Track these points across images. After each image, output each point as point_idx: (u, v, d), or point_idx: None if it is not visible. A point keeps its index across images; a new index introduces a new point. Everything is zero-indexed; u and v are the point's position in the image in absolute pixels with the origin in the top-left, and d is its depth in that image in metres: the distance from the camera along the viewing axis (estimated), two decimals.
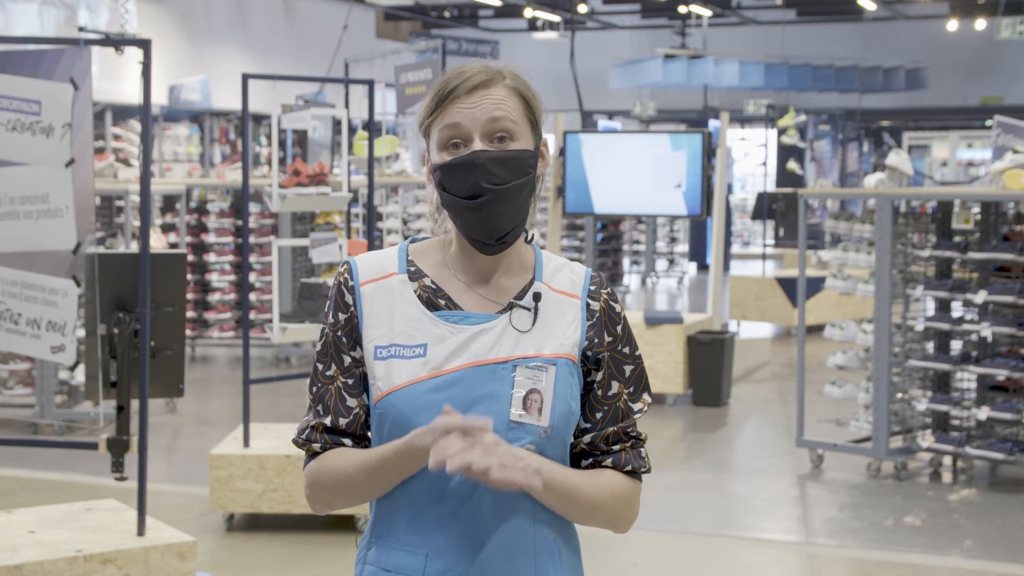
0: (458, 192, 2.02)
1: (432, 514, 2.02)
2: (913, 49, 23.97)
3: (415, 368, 2.02)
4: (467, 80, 2.03)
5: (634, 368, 2.13)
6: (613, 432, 2.10)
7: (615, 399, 2.11)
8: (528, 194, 2.07)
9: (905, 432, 7.74)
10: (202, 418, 9.40)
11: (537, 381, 2.02)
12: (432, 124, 2.06)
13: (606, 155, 10.02)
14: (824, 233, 9.13)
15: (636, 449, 2.13)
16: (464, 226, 2.05)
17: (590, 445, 2.11)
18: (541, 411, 2.02)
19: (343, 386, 2.09)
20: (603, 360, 2.10)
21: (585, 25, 25.01)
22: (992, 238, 7.61)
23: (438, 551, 2.02)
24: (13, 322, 4.79)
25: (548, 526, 2.07)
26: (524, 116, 2.06)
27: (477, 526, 2.02)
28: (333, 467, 2.07)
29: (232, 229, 12.05)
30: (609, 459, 2.11)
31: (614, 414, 2.11)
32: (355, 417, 2.09)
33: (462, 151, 2.03)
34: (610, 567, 5.94)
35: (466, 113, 2.02)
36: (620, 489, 2.10)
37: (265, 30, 19.91)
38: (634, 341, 2.14)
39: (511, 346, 2.04)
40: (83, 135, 4.70)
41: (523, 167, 2.04)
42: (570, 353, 2.07)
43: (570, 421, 2.07)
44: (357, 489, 2.07)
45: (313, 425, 2.10)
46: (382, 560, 2.07)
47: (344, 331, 2.09)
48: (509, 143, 2.03)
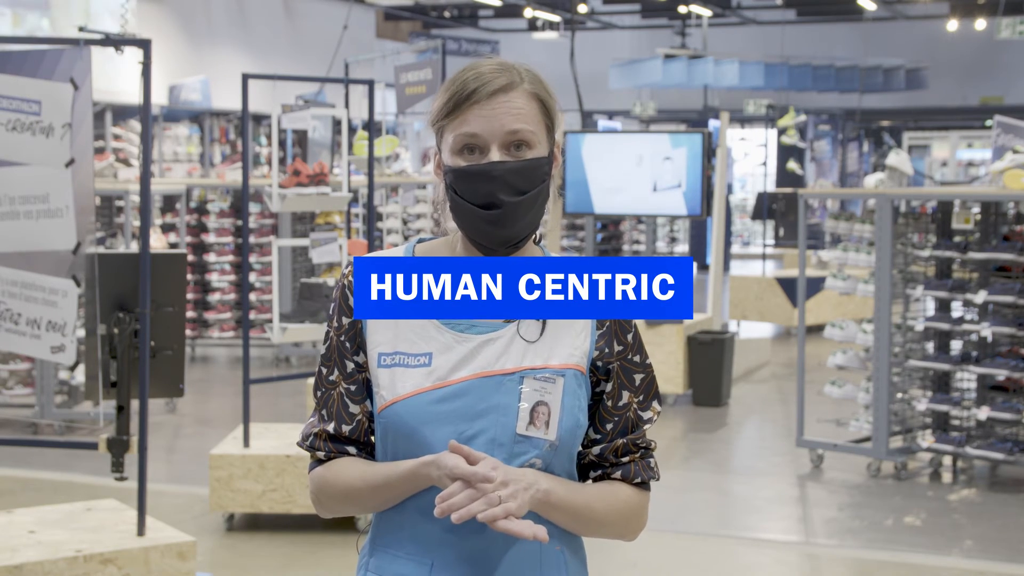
0: (473, 200, 1.98)
1: (437, 524, 1.99)
2: (913, 49, 23.97)
3: (420, 378, 1.99)
4: (486, 84, 1.98)
5: (644, 376, 2.09)
6: (623, 444, 2.07)
7: (625, 409, 2.07)
8: (543, 200, 2.04)
9: (905, 432, 7.74)
10: (202, 418, 9.40)
11: (545, 393, 1.98)
12: (447, 126, 2.01)
13: (606, 155, 10.03)
14: (824, 233, 9.13)
15: (645, 459, 2.10)
16: (476, 233, 2.01)
17: (599, 457, 2.08)
18: (548, 424, 1.98)
19: (345, 392, 2.06)
20: (613, 370, 2.06)
21: (585, 25, 25.01)
22: (992, 238, 7.61)
23: (443, 562, 2.00)
24: (13, 322, 4.79)
25: (555, 537, 2.04)
26: (541, 122, 2.03)
27: (482, 537, 1.99)
28: (338, 479, 2.05)
29: (232, 229, 12.05)
30: (619, 471, 2.08)
31: (624, 425, 2.07)
32: (358, 424, 2.07)
33: (477, 157, 1.99)
34: (610, 567, 5.94)
35: (484, 122, 1.97)
36: (629, 502, 2.07)
37: (265, 30, 19.91)
38: (644, 350, 2.10)
39: (518, 357, 2.00)
40: (83, 135, 4.70)
41: (540, 175, 2.02)
42: (579, 363, 2.03)
43: (577, 434, 2.03)
44: (363, 502, 2.06)
45: (317, 432, 2.08)
46: (384, 569, 2.05)
47: (347, 335, 2.06)
48: (526, 151, 2.00)
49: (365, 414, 2.07)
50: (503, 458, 1.96)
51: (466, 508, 1.86)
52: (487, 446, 1.97)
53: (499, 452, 1.97)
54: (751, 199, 24.68)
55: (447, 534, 1.99)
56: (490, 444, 1.97)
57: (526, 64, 2.06)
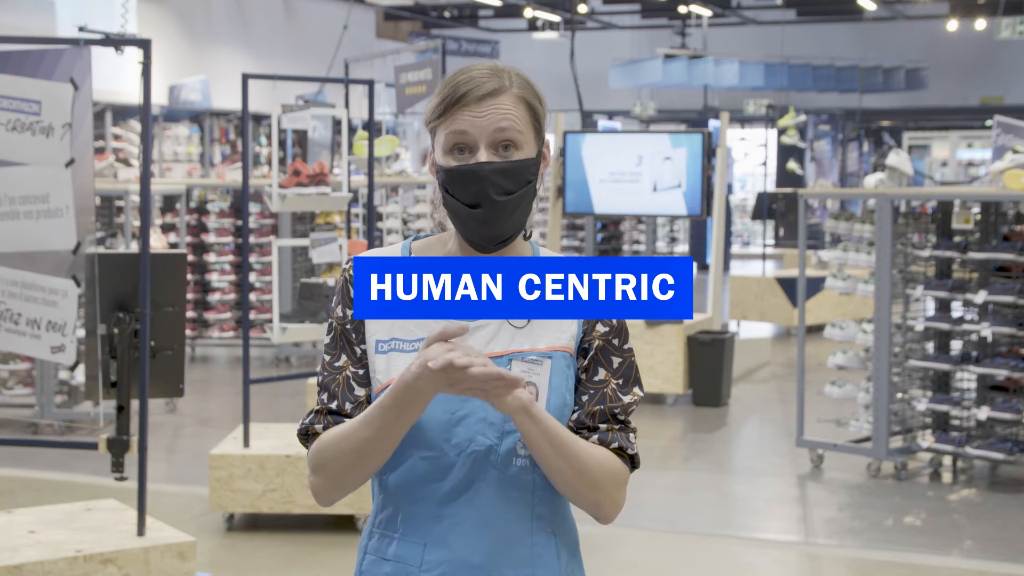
0: (462, 198, 2.07)
1: (430, 504, 2.06)
2: (913, 49, 23.97)
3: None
4: (476, 88, 2.06)
5: (623, 361, 2.13)
6: (600, 411, 2.10)
7: (602, 385, 2.11)
8: (530, 200, 2.11)
9: (905, 432, 7.74)
10: (202, 418, 9.40)
11: (533, 374, 2.06)
12: (439, 126, 2.09)
13: (606, 155, 10.03)
14: (824, 233, 9.13)
15: (625, 433, 2.12)
16: (465, 230, 2.09)
17: (576, 423, 2.11)
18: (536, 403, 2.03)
19: (352, 375, 2.11)
20: (592, 347, 2.12)
21: (585, 25, 25.01)
22: (992, 238, 7.61)
23: (436, 541, 2.06)
24: (13, 322, 4.79)
25: (546, 520, 2.09)
26: (529, 124, 2.10)
27: (475, 516, 2.05)
28: (335, 436, 2.05)
29: (232, 229, 12.06)
30: (595, 436, 2.10)
31: (600, 398, 2.11)
32: (360, 405, 2.10)
33: (467, 157, 2.07)
34: (610, 567, 5.94)
35: (473, 122, 2.05)
36: (606, 463, 2.08)
37: (265, 30, 19.91)
38: (627, 337, 2.15)
39: (507, 340, 2.08)
40: (83, 135, 4.70)
41: (526, 176, 2.09)
42: (567, 345, 2.10)
43: (565, 413, 2.09)
44: (360, 450, 2.02)
45: (317, 410, 2.12)
46: (382, 550, 2.11)
47: (353, 325, 2.12)
48: (514, 152, 2.07)
49: (368, 398, 2.12)
50: (495, 437, 2.04)
51: (442, 356, 1.87)
52: (478, 425, 2.04)
53: (490, 431, 2.04)
54: (751, 199, 24.68)
55: (440, 515, 2.05)
56: (481, 423, 2.04)
57: (517, 69, 2.13)
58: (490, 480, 2.04)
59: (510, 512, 2.06)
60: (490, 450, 2.04)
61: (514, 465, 2.05)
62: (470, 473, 2.04)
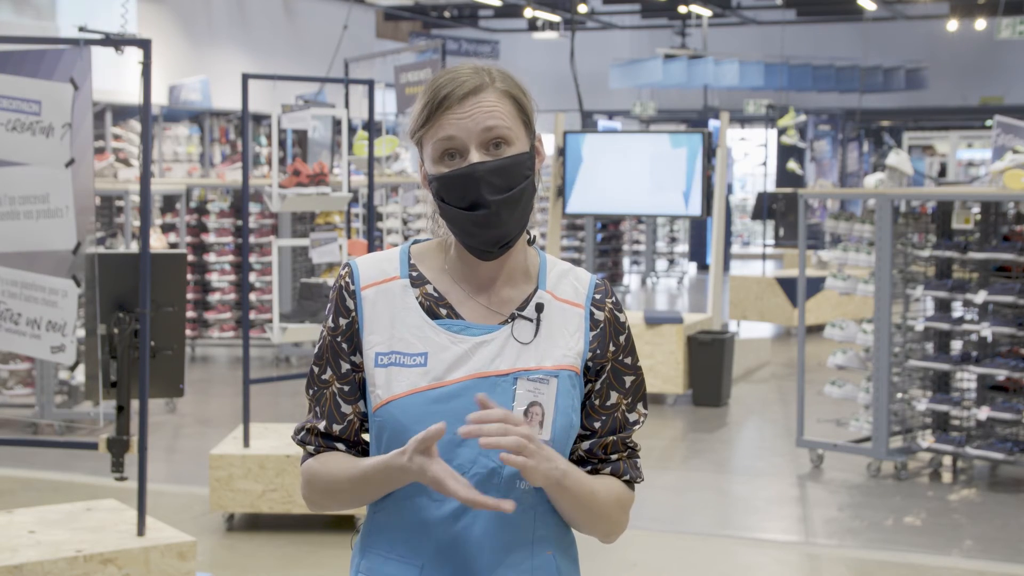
0: (459, 204, 2.00)
1: (429, 527, 2.01)
2: (913, 49, 23.97)
3: (415, 377, 2.00)
4: (457, 88, 1.99)
5: (634, 379, 2.11)
6: (612, 442, 2.09)
7: (613, 409, 2.09)
8: (530, 196, 2.05)
9: (905, 432, 7.74)
10: (202, 418, 9.40)
11: (538, 394, 2.00)
12: (425, 136, 2.02)
13: (606, 155, 10.02)
14: (824, 233, 9.13)
15: (632, 460, 2.12)
16: (465, 236, 2.02)
17: (588, 452, 2.09)
18: (542, 424, 1.99)
19: (338, 392, 2.08)
20: (604, 370, 2.08)
21: (585, 25, 25.01)
22: (992, 238, 7.61)
23: (433, 564, 2.01)
24: (13, 322, 4.79)
25: (547, 542, 2.06)
26: (517, 118, 2.03)
27: (474, 541, 2.00)
28: (324, 473, 2.06)
29: (232, 229, 12.05)
30: (608, 468, 2.10)
31: (612, 424, 2.09)
32: (348, 424, 2.08)
33: (458, 162, 2.00)
34: (610, 567, 5.94)
35: (459, 124, 1.98)
36: (622, 497, 2.10)
37: (265, 30, 19.91)
38: (635, 352, 2.13)
39: (513, 358, 2.02)
40: (83, 135, 4.69)
41: (522, 171, 2.02)
42: (573, 364, 2.05)
43: (571, 434, 2.05)
44: (343, 497, 2.07)
45: (309, 428, 2.11)
46: (375, 570, 2.06)
47: (344, 336, 2.07)
48: (505, 149, 2.00)
49: (357, 414, 2.08)
50: (497, 459, 1.96)
51: (496, 438, 1.86)
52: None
53: (493, 453, 1.97)
54: (751, 199, 24.68)
55: (438, 537, 2.00)
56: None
57: (498, 65, 2.07)
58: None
59: (511, 535, 2.01)
60: (493, 473, 1.99)
61: (517, 488, 2.00)
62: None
